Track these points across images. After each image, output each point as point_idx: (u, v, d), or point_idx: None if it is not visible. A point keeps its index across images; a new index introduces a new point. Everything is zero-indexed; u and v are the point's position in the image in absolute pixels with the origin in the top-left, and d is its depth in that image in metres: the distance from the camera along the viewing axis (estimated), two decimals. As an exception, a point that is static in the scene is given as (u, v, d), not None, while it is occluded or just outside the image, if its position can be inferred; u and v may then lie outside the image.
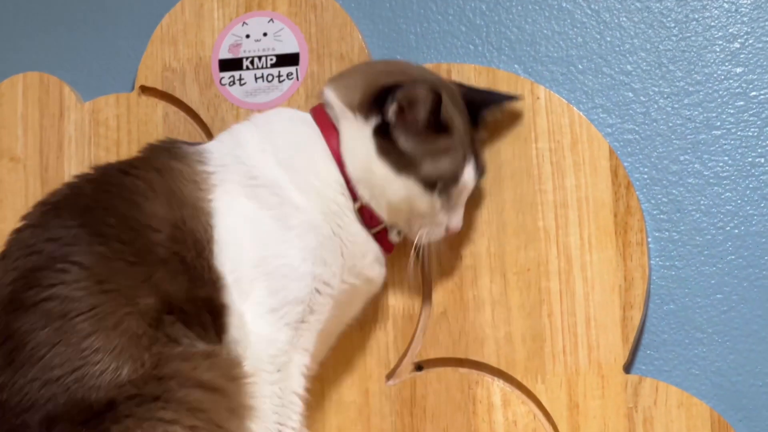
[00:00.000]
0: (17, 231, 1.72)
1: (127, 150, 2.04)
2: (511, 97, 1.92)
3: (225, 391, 1.63)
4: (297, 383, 1.72)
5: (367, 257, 1.82)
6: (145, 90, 2.07)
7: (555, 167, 1.94)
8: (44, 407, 1.57)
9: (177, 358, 1.62)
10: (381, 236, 1.84)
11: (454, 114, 1.81)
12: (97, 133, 2.06)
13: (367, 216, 1.81)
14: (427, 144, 1.77)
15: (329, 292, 1.76)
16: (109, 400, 1.57)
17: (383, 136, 1.77)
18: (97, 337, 1.59)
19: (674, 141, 1.97)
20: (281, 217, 1.74)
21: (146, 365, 1.59)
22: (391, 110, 1.75)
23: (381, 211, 1.80)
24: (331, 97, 1.83)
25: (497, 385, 1.92)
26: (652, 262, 1.94)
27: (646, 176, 1.97)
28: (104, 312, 1.61)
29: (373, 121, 1.77)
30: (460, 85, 1.92)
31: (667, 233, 1.95)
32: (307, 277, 1.73)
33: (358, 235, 1.80)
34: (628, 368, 1.92)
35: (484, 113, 1.89)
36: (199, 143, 1.85)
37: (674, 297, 1.94)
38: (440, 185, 1.77)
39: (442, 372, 1.94)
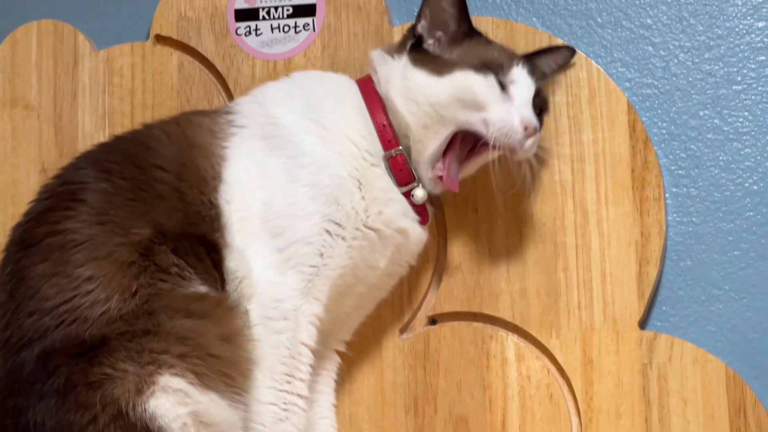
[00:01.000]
0: (50, 179, 1.77)
1: (142, 99, 2.03)
2: (559, 47, 1.92)
3: (215, 317, 1.63)
4: (306, 334, 1.69)
5: (393, 206, 1.77)
6: (160, 39, 2.05)
7: (572, 121, 1.92)
8: (40, 342, 1.59)
9: (167, 294, 1.63)
10: (417, 208, 1.81)
11: (494, 42, 1.84)
12: (112, 82, 2.05)
13: (396, 169, 1.78)
14: (462, 43, 1.78)
15: (342, 234, 1.72)
16: (102, 336, 1.58)
17: (418, 50, 1.79)
18: (89, 266, 1.62)
19: (694, 96, 1.95)
20: (294, 156, 1.73)
21: (136, 298, 1.61)
22: (421, 24, 1.79)
23: (432, 124, 1.76)
24: (377, 53, 1.85)
25: (511, 339, 1.91)
26: (669, 217, 1.93)
27: (664, 131, 1.95)
28: (98, 242, 1.64)
29: (408, 44, 1.80)
30: None
31: (684, 189, 1.94)
32: (315, 215, 1.70)
33: (380, 180, 1.77)
34: (643, 324, 1.91)
35: (537, 63, 1.85)
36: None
37: (691, 253, 1.93)
38: (493, 70, 1.74)
39: (456, 326, 1.93)
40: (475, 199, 1.93)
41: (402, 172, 1.78)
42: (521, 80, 1.76)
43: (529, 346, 1.91)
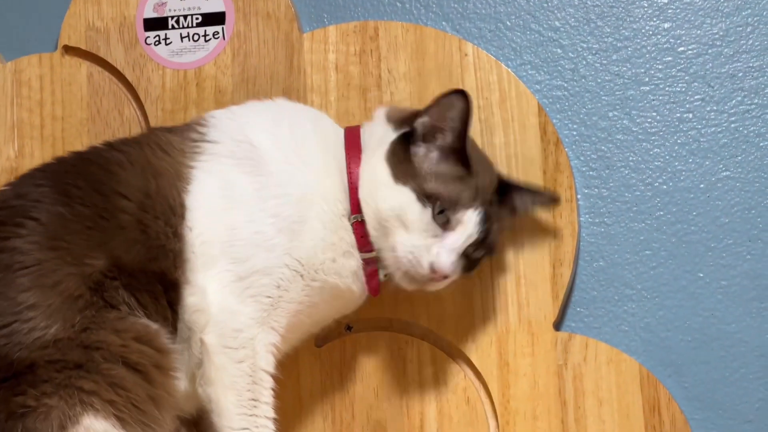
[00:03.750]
0: (4, 187, 1.72)
1: (51, 111, 2.01)
2: (548, 194, 1.87)
3: (150, 377, 1.61)
4: (265, 361, 1.68)
5: (349, 260, 1.74)
6: (69, 50, 2.03)
7: (484, 124, 1.93)
8: None
9: (108, 328, 1.60)
10: (370, 275, 1.77)
11: (479, 163, 1.76)
12: (20, 93, 2.02)
13: (359, 235, 1.75)
14: (440, 164, 1.72)
15: (300, 271, 1.70)
16: (30, 362, 1.55)
17: (402, 145, 1.73)
18: (33, 293, 1.58)
19: (603, 97, 1.96)
20: (267, 185, 1.71)
21: (75, 328, 1.58)
22: (421, 121, 1.73)
23: (370, 225, 1.72)
24: (380, 112, 1.81)
25: (427, 345, 1.91)
26: (581, 218, 1.94)
27: (575, 133, 1.96)
28: (47, 269, 1.60)
29: (401, 130, 1.75)
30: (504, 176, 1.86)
31: (596, 190, 1.95)
32: (278, 248, 1.69)
33: (345, 231, 1.74)
34: (558, 325, 1.91)
35: (514, 195, 1.81)
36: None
37: (603, 253, 1.94)
38: (437, 206, 1.69)
39: (372, 333, 1.92)
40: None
41: (363, 239, 1.75)
42: (466, 226, 1.71)
43: (444, 350, 1.91)
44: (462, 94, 1.70)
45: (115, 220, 1.66)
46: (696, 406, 1.90)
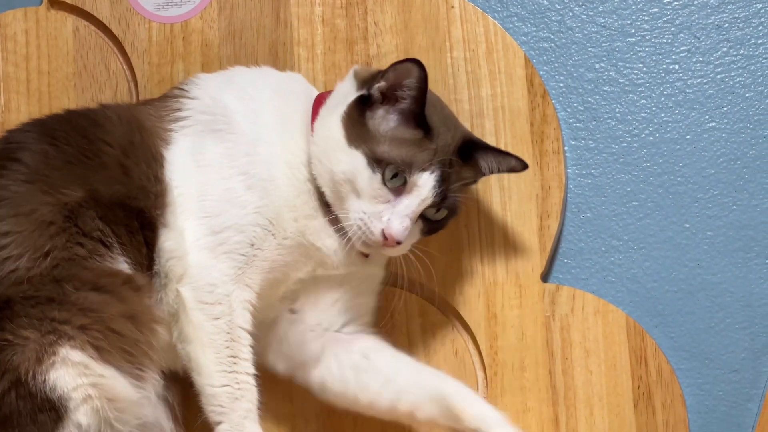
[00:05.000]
0: None
1: (37, 65, 2.00)
2: (514, 158, 1.78)
3: (122, 294, 1.63)
4: (242, 318, 1.70)
5: (312, 222, 1.74)
6: (54, 4, 2.02)
7: (470, 76, 1.93)
8: None
9: (80, 262, 1.62)
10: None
11: (439, 125, 1.72)
12: (5, 48, 2.01)
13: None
14: (396, 127, 1.69)
15: (272, 230, 1.71)
16: (6, 298, 1.59)
17: (360, 108, 1.71)
18: (7, 222, 1.62)
19: (589, 49, 1.96)
20: (238, 143, 1.73)
21: (47, 260, 1.60)
22: (378, 85, 1.70)
23: (326, 188, 1.71)
24: (351, 70, 1.79)
25: (415, 297, 1.92)
26: (568, 170, 1.94)
27: (561, 84, 1.96)
28: (22, 199, 1.64)
29: (361, 92, 1.73)
30: (471, 134, 1.82)
31: (583, 141, 1.95)
32: (249, 206, 1.70)
33: (308, 194, 1.74)
34: (545, 277, 1.92)
35: (478, 156, 1.75)
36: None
37: (591, 205, 1.95)
38: (389, 171, 1.67)
39: (360, 284, 1.93)
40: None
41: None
42: (421, 189, 1.68)
43: (432, 302, 1.92)
44: (416, 63, 1.67)
45: (98, 160, 1.69)
46: (682, 355, 1.91)
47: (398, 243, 1.67)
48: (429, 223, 1.72)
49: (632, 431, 1.87)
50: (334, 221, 1.72)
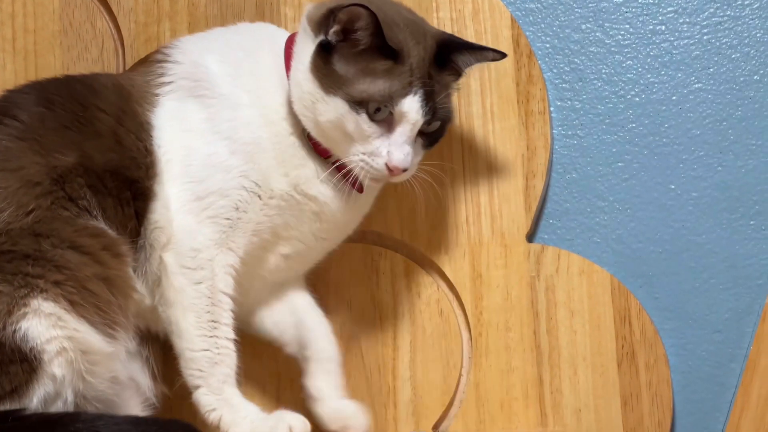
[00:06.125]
0: None
1: (23, 23, 1.99)
2: (491, 51, 1.76)
3: (100, 259, 1.63)
4: (223, 283, 1.71)
5: (303, 170, 1.74)
6: (40, -39, 2.02)
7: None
8: None
9: (61, 220, 1.62)
10: (345, 174, 1.73)
11: (407, 43, 1.70)
12: (-10, 6, 2.01)
13: (315, 143, 1.74)
14: (365, 63, 1.68)
15: (257, 192, 1.72)
16: None
17: (324, 55, 1.69)
18: None
19: (576, 9, 1.96)
20: (219, 108, 1.73)
21: (30, 218, 1.60)
22: (333, 30, 1.68)
23: (318, 137, 1.71)
24: (305, 14, 1.77)
25: (400, 256, 1.92)
26: (554, 131, 1.94)
27: (548, 45, 1.96)
28: (11, 155, 1.64)
29: (320, 37, 1.71)
30: (442, 32, 1.79)
31: (569, 102, 1.95)
32: (234, 170, 1.70)
33: (295, 147, 1.74)
34: (530, 237, 1.93)
35: (455, 58, 1.74)
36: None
37: (576, 166, 1.95)
38: (371, 107, 1.66)
39: (345, 245, 1.92)
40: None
41: (318, 146, 1.74)
42: (410, 114, 1.66)
43: (418, 262, 1.92)
44: (362, 7, 1.64)
45: (92, 126, 1.70)
46: (666, 316, 1.92)
47: (405, 170, 1.68)
48: (427, 136, 1.72)
49: (616, 391, 1.88)
50: (327, 165, 1.73)
